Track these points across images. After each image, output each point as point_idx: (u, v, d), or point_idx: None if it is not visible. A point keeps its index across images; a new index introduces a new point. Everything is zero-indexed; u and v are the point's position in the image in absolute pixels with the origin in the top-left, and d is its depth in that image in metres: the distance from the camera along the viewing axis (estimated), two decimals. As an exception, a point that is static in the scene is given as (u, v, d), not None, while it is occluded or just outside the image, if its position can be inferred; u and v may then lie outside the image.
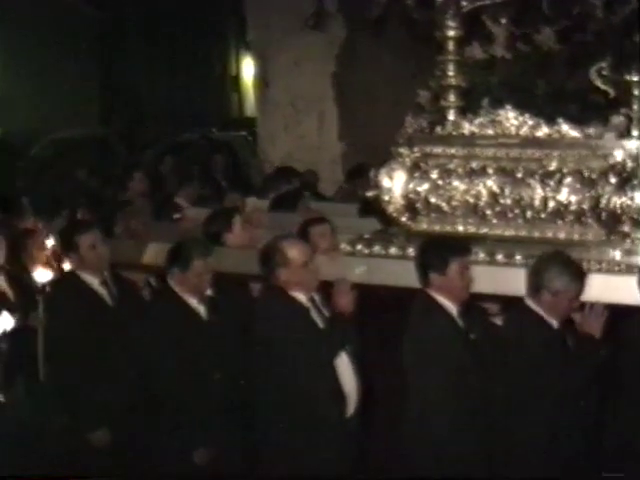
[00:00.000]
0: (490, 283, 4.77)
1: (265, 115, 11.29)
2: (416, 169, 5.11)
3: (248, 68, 18.76)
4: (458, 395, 4.53)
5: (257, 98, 11.88)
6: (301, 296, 4.82)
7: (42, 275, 5.37)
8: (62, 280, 5.58)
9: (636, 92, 4.93)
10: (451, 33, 5.24)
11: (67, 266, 5.72)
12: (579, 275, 4.54)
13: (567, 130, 4.90)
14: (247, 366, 5.03)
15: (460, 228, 5.06)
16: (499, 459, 4.58)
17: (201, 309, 5.23)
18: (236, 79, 22.15)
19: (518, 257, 4.87)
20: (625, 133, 4.84)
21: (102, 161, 11.49)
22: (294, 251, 4.79)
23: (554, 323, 4.59)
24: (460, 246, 4.66)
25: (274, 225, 6.09)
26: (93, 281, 5.53)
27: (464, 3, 5.08)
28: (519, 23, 6.48)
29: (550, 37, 6.49)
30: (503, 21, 6.47)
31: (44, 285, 5.34)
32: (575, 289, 4.51)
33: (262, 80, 11.27)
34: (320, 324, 4.80)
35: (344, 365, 4.74)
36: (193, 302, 5.21)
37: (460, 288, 4.62)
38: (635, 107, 4.90)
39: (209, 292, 5.27)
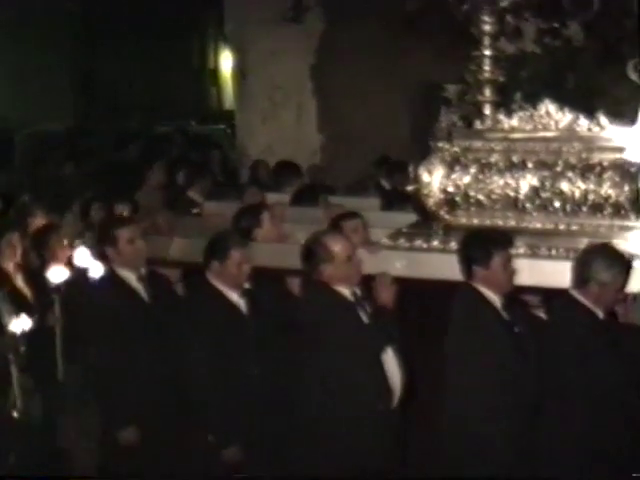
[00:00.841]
0: (531, 275, 4.81)
1: (243, 108, 11.27)
2: (455, 163, 5.14)
3: (226, 61, 18.68)
4: (502, 388, 4.56)
5: (235, 91, 11.87)
6: (345, 290, 4.85)
7: (57, 273, 5.06)
8: (101, 277, 5.56)
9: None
10: (487, 28, 5.28)
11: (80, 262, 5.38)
12: (626, 267, 4.58)
13: (605, 124, 4.93)
14: (287, 362, 5.04)
15: (499, 222, 5.10)
16: (543, 455, 4.60)
17: (241, 303, 5.25)
18: (215, 72, 22.07)
19: (559, 250, 4.91)
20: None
21: (82, 155, 11.39)
22: (338, 246, 4.82)
23: (600, 314, 4.63)
24: (503, 239, 4.70)
25: (296, 220, 6.09)
26: (130, 277, 5.54)
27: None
28: (546, 18, 6.51)
29: (577, 32, 6.52)
30: (528, 16, 6.49)
31: (59, 284, 5.04)
32: (622, 280, 4.55)
33: (239, 72, 11.25)
34: (364, 318, 4.83)
35: (390, 359, 4.77)
36: (234, 296, 5.23)
37: (504, 281, 4.66)
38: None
39: (247, 285, 5.29)
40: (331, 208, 6.82)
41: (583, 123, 4.95)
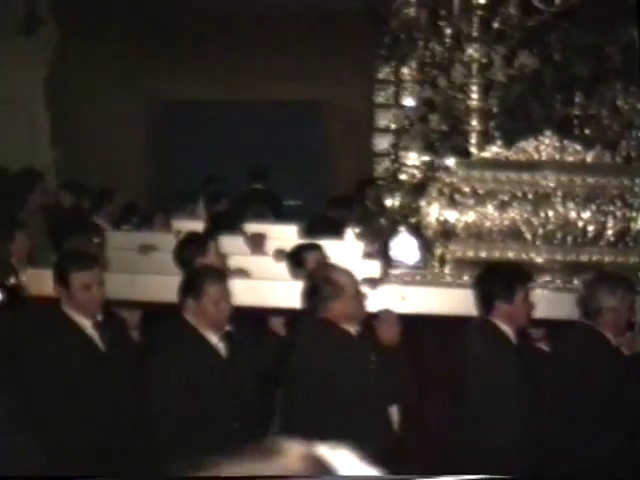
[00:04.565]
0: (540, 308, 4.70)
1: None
2: (451, 194, 4.98)
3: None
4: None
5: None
6: (352, 329, 4.59)
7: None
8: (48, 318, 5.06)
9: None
10: (476, 55, 5.15)
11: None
12: (631, 288, 4.56)
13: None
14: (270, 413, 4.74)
15: (497, 253, 4.96)
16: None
17: (221, 347, 4.87)
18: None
19: (558, 282, 4.82)
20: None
21: None
22: (346, 281, 4.55)
23: (613, 340, 4.57)
24: (524, 273, 4.55)
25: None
26: (85, 324, 5.04)
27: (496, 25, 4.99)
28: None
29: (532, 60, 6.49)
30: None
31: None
32: (629, 301, 4.52)
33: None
34: (371, 358, 4.58)
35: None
36: (213, 339, 4.85)
37: (524, 315, 4.51)
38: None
39: (228, 327, 4.95)
40: (256, 236, 6.64)
41: (585, 154, 4.88)
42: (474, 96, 5.16)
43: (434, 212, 4.94)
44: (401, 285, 4.87)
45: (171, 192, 9.78)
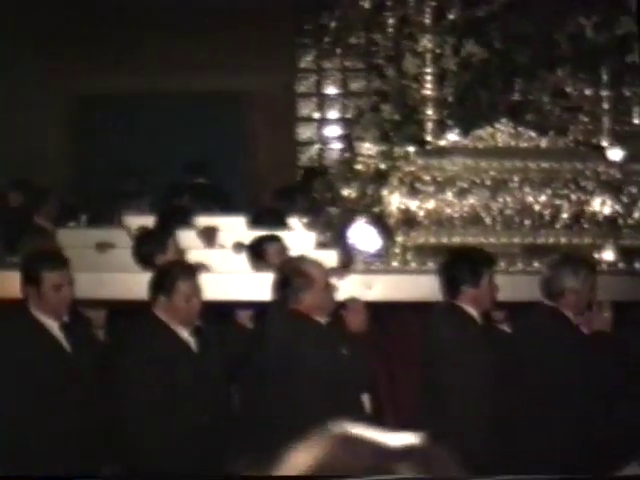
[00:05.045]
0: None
1: None
2: (412, 182, 5.10)
3: None
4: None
5: None
6: (322, 320, 4.68)
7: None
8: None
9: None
10: (429, 46, 5.27)
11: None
12: (593, 270, 4.73)
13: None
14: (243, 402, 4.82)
15: (458, 239, 5.10)
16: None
17: (192, 341, 4.93)
18: None
19: (519, 265, 4.98)
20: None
21: None
22: (317, 272, 4.64)
23: (574, 320, 4.73)
24: (488, 258, 4.69)
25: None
26: (52, 325, 5.03)
27: (451, 16, 5.11)
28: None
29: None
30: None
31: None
32: (591, 282, 4.68)
33: None
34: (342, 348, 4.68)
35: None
36: (184, 333, 4.90)
37: (489, 299, 4.66)
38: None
39: (198, 323, 5.00)
40: (209, 230, 6.70)
41: (544, 141, 5.04)
42: (428, 86, 5.28)
43: (395, 201, 5.05)
44: (366, 274, 4.97)
45: (108, 190, 9.75)
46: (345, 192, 5.79)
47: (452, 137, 5.12)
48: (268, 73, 11.14)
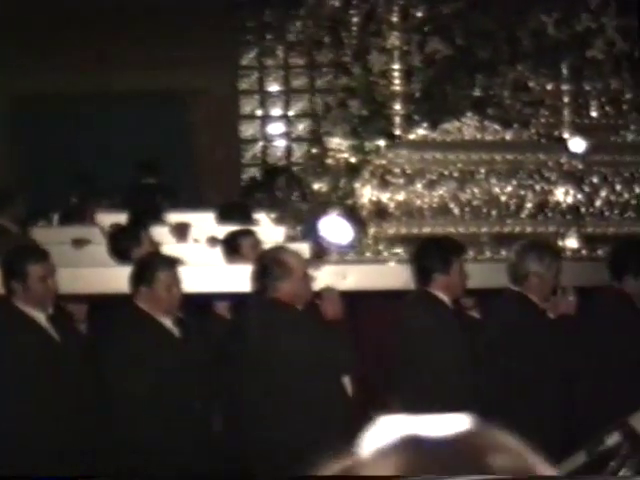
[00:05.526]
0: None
1: None
2: (383, 175, 5.28)
3: None
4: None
5: None
6: (299, 307, 4.84)
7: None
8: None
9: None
10: (397, 43, 5.45)
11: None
12: (558, 256, 4.93)
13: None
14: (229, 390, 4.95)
15: (428, 229, 5.29)
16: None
17: (175, 331, 5.07)
18: None
19: (487, 253, 5.18)
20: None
21: None
22: (295, 262, 4.80)
23: (540, 305, 4.94)
24: (459, 246, 4.88)
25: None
26: (40, 317, 5.16)
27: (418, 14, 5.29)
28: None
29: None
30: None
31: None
32: (555, 268, 4.89)
33: None
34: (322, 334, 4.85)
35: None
36: (167, 322, 5.04)
37: (460, 286, 4.84)
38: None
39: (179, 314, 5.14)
40: (181, 226, 6.84)
41: (509, 134, 5.24)
42: (396, 82, 5.46)
43: (367, 193, 5.23)
44: (341, 264, 5.14)
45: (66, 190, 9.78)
46: (316, 186, 5.96)
47: (421, 131, 5.30)
48: (210, 71, 11.15)
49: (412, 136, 5.29)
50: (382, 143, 5.24)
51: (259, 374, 4.83)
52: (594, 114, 5.69)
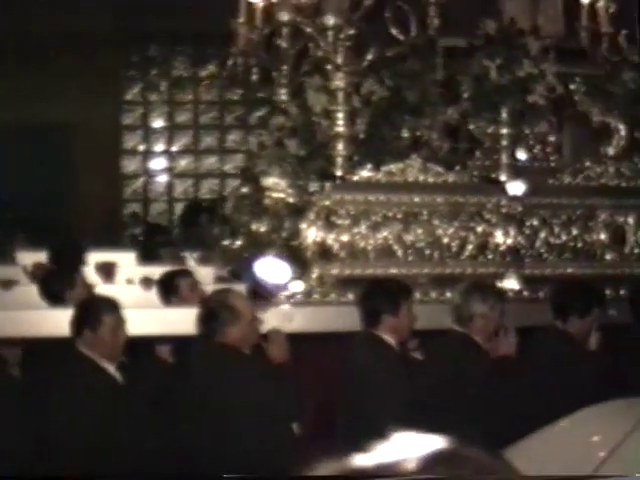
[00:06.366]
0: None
1: None
2: (327, 216, 5.28)
3: None
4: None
5: None
6: (246, 351, 4.79)
7: None
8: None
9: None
10: (342, 84, 5.47)
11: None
12: (501, 297, 5.00)
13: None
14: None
15: (372, 271, 5.30)
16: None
17: (118, 376, 4.96)
18: None
19: (433, 294, 5.21)
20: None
21: None
22: (244, 306, 4.75)
23: (483, 345, 4.98)
24: (407, 288, 4.90)
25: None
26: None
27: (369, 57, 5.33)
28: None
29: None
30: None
31: None
32: (498, 309, 4.95)
33: None
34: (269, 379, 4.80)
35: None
36: (110, 368, 4.92)
37: (407, 327, 4.86)
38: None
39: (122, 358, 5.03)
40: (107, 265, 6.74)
41: (451, 177, 5.30)
42: (340, 122, 5.47)
43: (312, 234, 5.22)
44: (287, 306, 5.12)
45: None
46: (254, 226, 5.92)
47: (364, 172, 5.32)
48: (93, 105, 11.07)
49: (356, 177, 5.30)
50: (327, 184, 5.25)
51: (206, 420, 4.75)
52: (532, 157, 5.80)
